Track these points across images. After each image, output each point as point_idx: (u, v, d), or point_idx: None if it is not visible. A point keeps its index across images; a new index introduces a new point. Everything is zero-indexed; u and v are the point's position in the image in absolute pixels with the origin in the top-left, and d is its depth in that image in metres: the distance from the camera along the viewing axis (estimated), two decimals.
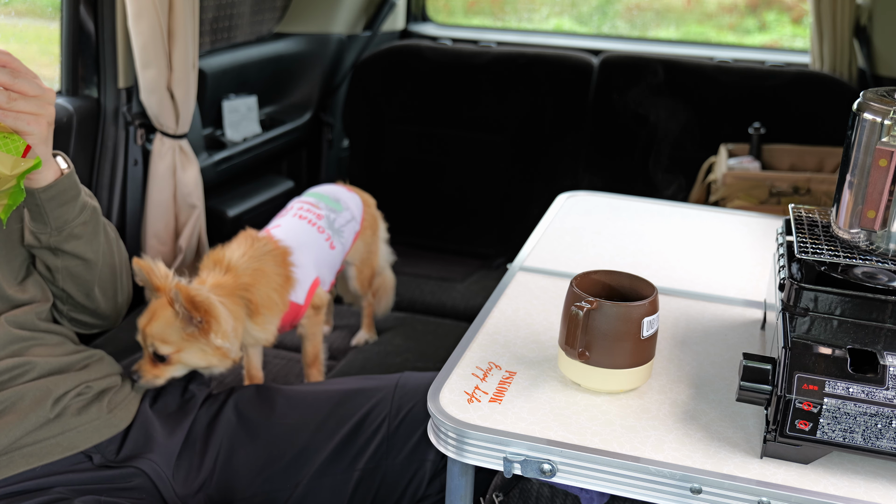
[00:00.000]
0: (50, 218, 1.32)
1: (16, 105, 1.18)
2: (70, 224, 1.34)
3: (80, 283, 1.41)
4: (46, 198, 1.29)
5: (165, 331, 1.57)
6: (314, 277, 1.89)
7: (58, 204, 1.31)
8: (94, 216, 1.38)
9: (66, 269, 1.38)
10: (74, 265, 1.38)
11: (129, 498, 1.33)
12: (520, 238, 1.72)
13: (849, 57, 2.93)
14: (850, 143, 1.07)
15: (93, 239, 1.38)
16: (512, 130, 3.13)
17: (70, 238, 1.35)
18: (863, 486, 0.96)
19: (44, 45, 2.27)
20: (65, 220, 1.33)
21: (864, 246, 1.06)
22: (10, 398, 1.29)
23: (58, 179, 1.30)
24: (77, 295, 1.42)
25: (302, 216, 1.96)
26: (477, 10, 3.88)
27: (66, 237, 1.34)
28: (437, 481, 1.41)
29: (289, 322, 1.86)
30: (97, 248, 1.40)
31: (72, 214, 1.33)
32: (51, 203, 1.30)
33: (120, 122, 2.30)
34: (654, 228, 1.71)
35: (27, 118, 1.19)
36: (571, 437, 1.02)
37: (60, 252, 1.36)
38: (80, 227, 1.35)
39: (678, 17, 3.66)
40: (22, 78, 1.19)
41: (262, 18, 3.04)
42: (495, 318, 1.31)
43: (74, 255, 1.37)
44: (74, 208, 1.33)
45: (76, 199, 1.34)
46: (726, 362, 1.21)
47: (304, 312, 1.88)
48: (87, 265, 1.39)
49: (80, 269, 1.39)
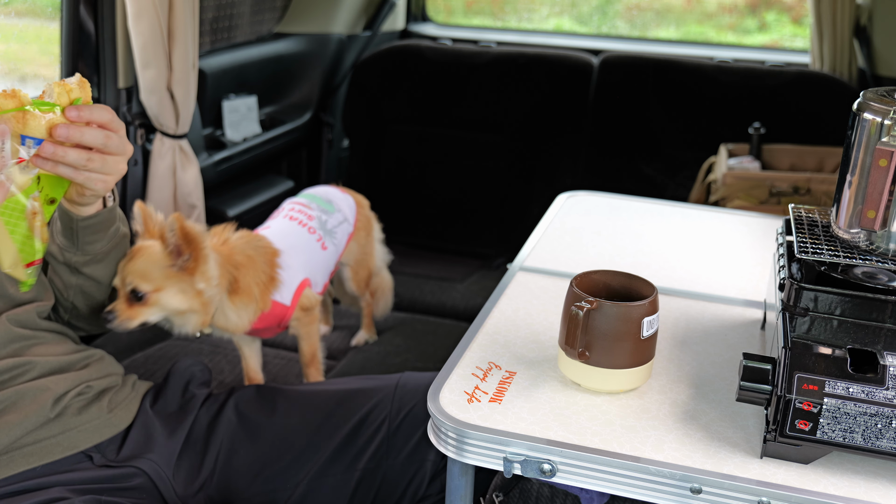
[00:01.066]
0: (80, 242, 1.34)
1: (92, 165, 1.15)
2: (96, 250, 1.36)
3: (89, 300, 1.44)
4: (83, 226, 1.32)
5: (148, 267, 1.52)
6: (302, 279, 1.88)
7: (92, 232, 1.34)
8: (120, 242, 1.40)
9: (80, 286, 1.41)
10: (88, 285, 1.41)
11: (129, 498, 1.33)
12: (520, 238, 1.72)
13: (849, 57, 2.93)
14: (850, 143, 1.07)
15: (112, 264, 1.41)
16: (512, 130, 3.13)
17: (92, 262, 1.38)
18: (863, 486, 0.96)
19: (44, 45, 2.27)
20: (93, 247, 1.36)
21: (864, 246, 1.06)
22: (11, 397, 1.29)
23: (99, 212, 1.31)
24: (84, 309, 1.45)
25: (293, 217, 1.97)
26: (477, 10, 3.88)
27: (89, 261, 1.37)
28: (437, 481, 1.41)
29: (276, 323, 1.86)
30: (113, 273, 1.42)
31: (101, 243, 1.36)
32: (85, 231, 1.33)
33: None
34: (654, 228, 1.71)
35: (97, 178, 1.17)
36: (571, 437, 1.02)
37: (78, 272, 1.38)
38: (104, 253, 1.38)
39: (678, 17, 3.66)
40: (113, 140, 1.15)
41: (262, 18, 3.04)
42: (495, 318, 1.31)
43: (91, 277, 1.40)
44: (106, 236, 1.36)
45: (110, 228, 1.36)
46: (726, 362, 1.21)
47: (291, 314, 1.87)
48: (100, 287, 1.42)
49: (92, 289, 1.42)
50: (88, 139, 1.14)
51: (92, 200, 1.29)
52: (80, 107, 1.13)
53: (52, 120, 1.12)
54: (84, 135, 1.13)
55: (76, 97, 1.14)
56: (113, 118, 1.16)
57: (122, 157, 1.19)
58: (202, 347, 2.24)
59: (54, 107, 1.12)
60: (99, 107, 1.15)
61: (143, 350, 2.21)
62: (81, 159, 1.14)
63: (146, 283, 1.52)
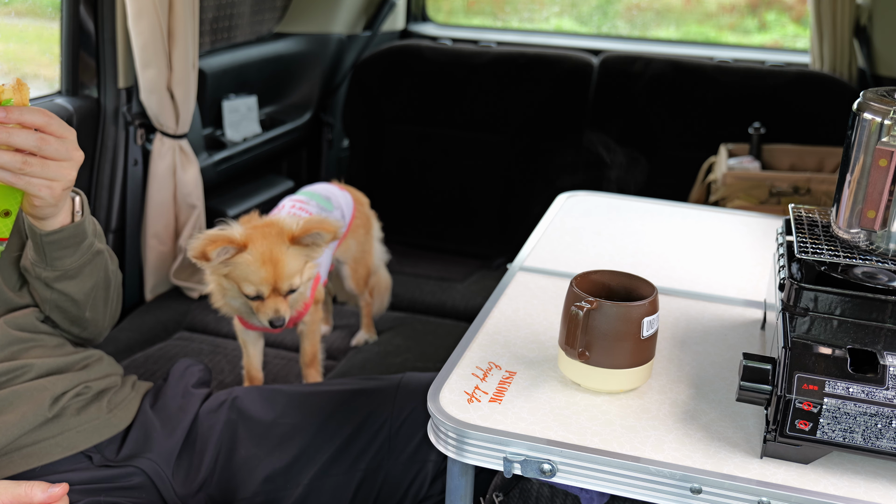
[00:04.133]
0: (48, 257, 1.28)
1: (30, 169, 1.10)
2: (66, 266, 1.30)
3: (66, 315, 1.38)
4: (48, 241, 1.26)
5: (294, 266, 1.71)
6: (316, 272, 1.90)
7: (59, 248, 1.27)
8: (94, 259, 1.34)
9: (54, 302, 1.35)
10: (62, 301, 1.35)
11: (128, 498, 1.33)
12: (520, 238, 1.72)
13: (849, 57, 2.93)
14: (850, 143, 1.07)
15: (87, 280, 1.34)
16: (512, 130, 3.13)
17: (63, 278, 1.31)
18: (863, 486, 0.96)
19: (44, 45, 2.27)
20: (62, 262, 1.29)
21: (864, 246, 1.06)
22: (8, 398, 1.28)
23: (64, 227, 1.25)
24: (62, 323, 1.40)
25: (295, 214, 1.97)
26: (477, 10, 3.88)
27: (60, 277, 1.31)
28: (439, 482, 1.41)
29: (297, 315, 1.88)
30: (89, 290, 1.36)
31: (71, 258, 1.30)
32: (51, 245, 1.27)
33: (120, 122, 2.30)
34: (654, 228, 1.71)
35: (41, 183, 1.13)
36: (571, 437, 1.02)
37: (51, 288, 1.33)
38: (75, 269, 1.31)
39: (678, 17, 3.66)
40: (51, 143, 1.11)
41: (262, 18, 3.04)
42: (495, 318, 1.31)
43: (63, 293, 1.33)
44: (76, 252, 1.30)
45: (80, 244, 1.30)
46: (726, 362, 1.21)
47: (309, 306, 1.89)
48: (74, 303, 1.36)
49: (67, 305, 1.36)
50: (18, 141, 1.09)
51: (49, 213, 1.22)
52: (8, 108, 1.08)
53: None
54: (12, 136, 1.08)
55: (7, 98, 1.09)
56: (51, 122, 1.11)
57: (67, 164, 1.14)
58: (202, 347, 2.24)
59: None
60: (34, 109, 1.10)
61: (143, 350, 2.21)
62: (16, 162, 1.09)
63: (298, 277, 1.73)
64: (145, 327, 2.33)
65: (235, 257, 1.67)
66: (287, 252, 1.70)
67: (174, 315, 2.42)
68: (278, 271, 1.68)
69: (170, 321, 2.39)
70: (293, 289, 1.72)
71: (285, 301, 1.72)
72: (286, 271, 1.69)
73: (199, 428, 1.46)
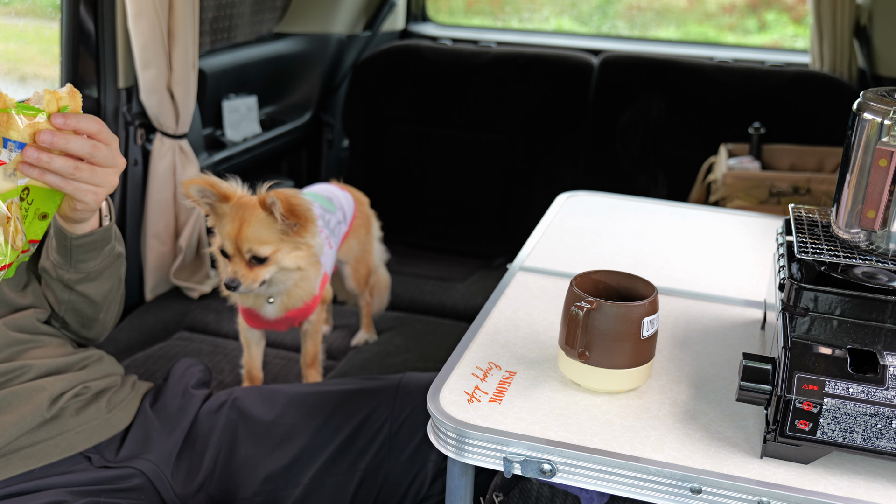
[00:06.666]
0: (74, 260, 1.32)
1: (80, 175, 1.13)
2: (90, 268, 1.34)
3: (80, 317, 1.41)
4: (77, 244, 1.30)
5: (263, 233, 1.69)
6: (324, 271, 1.91)
7: (86, 250, 1.32)
8: (115, 262, 1.38)
9: (71, 303, 1.39)
10: (80, 302, 1.39)
11: (127, 499, 1.33)
12: (520, 238, 1.72)
13: (849, 57, 2.93)
14: (850, 143, 1.07)
15: (106, 282, 1.39)
16: (512, 130, 3.13)
17: (85, 280, 1.35)
18: (863, 486, 0.96)
19: (44, 45, 2.27)
20: (86, 265, 1.34)
21: (864, 246, 1.06)
22: (6, 398, 1.28)
23: (94, 230, 1.30)
24: (74, 324, 1.42)
25: None
26: (477, 10, 3.88)
27: (82, 279, 1.35)
28: (439, 482, 1.41)
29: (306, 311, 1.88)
30: (107, 292, 1.40)
31: (95, 261, 1.34)
32: (79, 249, 1.31)
33: (120, 122, 2.30)
34: (654, 228, 1.71)
35: (87, 189, 1.15)
36: (571, 437, 1.02)
37: (71, 289, 1.36)
38: (97, 272, 1.36)
39: (678, 17, 3.66)
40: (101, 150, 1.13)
41: (262, 18, 3.04)
42: (495, 318, 1.31)
43: (83, 294, 1.37)
44: (99, 255, 1.34)
45: (104, 247, 1.34)
46: (726, 362, 1.21)
47: (317, 304, 1.90)
48: (92, 304, 1.40)
49: (84, 307, 1.40)
50: (74, 147, 1.11)
51: (86, 216, 1.26)
52: (66, 114, 1.10)
53: (37, 125, 1.09)
54: (69, 143, 1.10)
55: (64, 105, 1.11)
56: (101, 129, 1.14)
57: (112, 170, 1.17)
58: (202, 347, 2.24)
59: (39, 112, 1.09)
60: (87, 116, 1.12)
61: (143, 350, 2.21)
62: (69, 168, 1.11)
63: (265, 246, 1.70)
64: (145, 327, 2.33)
65: (218, 206, 1.71)
66: (257, 216, 1.69)
67: (174, 315, 2.42)
68: (243, 231, 1.68)
69: (170, 321, 2.39)
70: (256, 256, 1.70)
71: (247, 268, 1.71)
72: (249, 232, 1.68)
73: (199, 428, 1.46)
